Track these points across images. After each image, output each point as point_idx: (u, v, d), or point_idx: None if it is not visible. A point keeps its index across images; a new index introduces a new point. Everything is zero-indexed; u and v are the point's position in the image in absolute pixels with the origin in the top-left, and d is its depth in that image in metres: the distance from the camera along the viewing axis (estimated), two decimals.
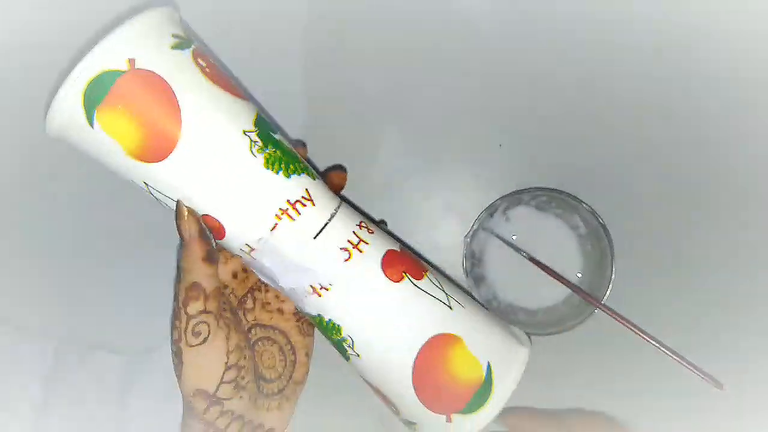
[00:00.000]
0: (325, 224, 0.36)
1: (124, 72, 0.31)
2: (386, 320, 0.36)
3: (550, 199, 0.47)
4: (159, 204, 0.35)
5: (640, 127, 0.49)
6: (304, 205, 0.35)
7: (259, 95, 0.48)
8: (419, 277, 0.37)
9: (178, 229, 0.34)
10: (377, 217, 0.45)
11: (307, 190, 0.35)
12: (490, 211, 0.46)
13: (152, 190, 0.34)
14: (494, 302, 0.48)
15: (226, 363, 0.36)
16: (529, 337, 0.39)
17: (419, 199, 0.50)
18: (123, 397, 0.50)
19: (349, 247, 0.36)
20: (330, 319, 0.36)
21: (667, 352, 0.45)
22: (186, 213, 0.34)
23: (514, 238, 0.48)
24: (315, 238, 0.35)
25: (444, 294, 0.37)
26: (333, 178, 0.41)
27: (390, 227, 0.49)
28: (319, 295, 0.36)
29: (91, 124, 0.32)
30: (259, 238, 0.35)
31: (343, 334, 0.36)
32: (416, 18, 0.50)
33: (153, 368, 0.50)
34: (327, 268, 0.35)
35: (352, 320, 0.36)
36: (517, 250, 0.47)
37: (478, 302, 0.40)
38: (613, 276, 0.44)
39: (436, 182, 0.50)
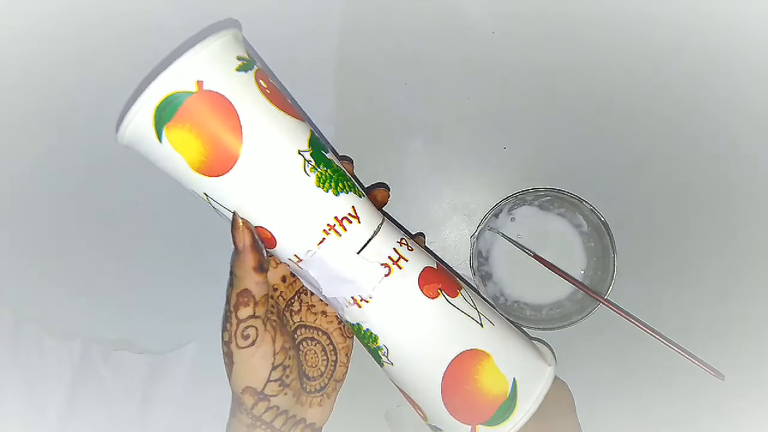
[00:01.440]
0: (369, 240, 0.37)
1: (192, 93, 0.33)
2: (420, 334, 0.37)
3: (553, 198, 0.49)
4: (217, 213, 0.37)
5: (641, 127, 0.51)
6: (350, 222, 0.37)
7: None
8: (454, 295, 0.38)
9: (233, 239, 0.37)
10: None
11: (353, 207, 0.37)
12: (496, 211, 0.48)
13: (212, 201, 0.36)
14: (501, 299, 0.50)
15: (273, 363, 0.38)
16: (554, 356, 0.41)
17: (427, 200, 0.52)
18: (147, 395, 0.51)
19: (390, 263, 0.37)
20: (368, 329, 0.38)
21: (669, 344, 0.46)
22: (241, 224, 0.36)
23: (519, 237, 0.49)
24: (358, 253, 0.37)
25: (476, 312, 0.38)
26: (377, 195, 0.43)
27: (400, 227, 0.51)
28: (359, 306, 0.38)
29: (160, 140, 0.34)
30: (307, 251, 0.37)
31: (380, 343, 0.38)
32: (420, 26, 0.51)
33: (177, 367, 0.51)
34: (368, 281, 0.37)
35: (388, 332, 0.38)
36: (522, 248, 0.48)
37: (508, 321, 0.42)
38: (615, 272, 0.46)
39: (444, 184, 0.52)
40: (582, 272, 0.50)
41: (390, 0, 0.51)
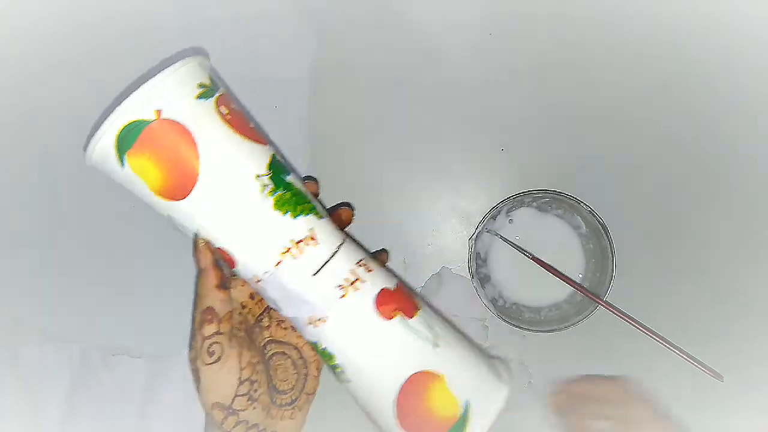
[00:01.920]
0: (325, 263, 0.38)
1: (151, 121, 0.35)
2: (374, 354, 0.38)
3: (551, 200, 0.48)
4: (182, 233, 0.39)
5: (639, 129, 0.50)
6: (307, 244, 0.38)
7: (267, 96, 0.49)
8: (410, 316, 0.39)
9: (194, 259, 0.38)
10: (383, 230, 0.47)
11: (311, 229, 0.38)
12: (494, 213, 0.48)
13: (174, 222, 0.38)
14: (500, 301, 0.50)
15: (239, 378, 0.39)
16: (509, 375, 0.41)
17: (426, 202, 0.52)
18: (146, 399, 0.51)
19: (346, 284, 0.38)
20: (325, 347, 0.39)
21: (668, 346, 0.46)
22: (201, 245, 0.38)
23: (517, 238, 0.49)
24: (314, 275, 0.38)
25: (431, 333, 0.39)
26: (341, 215, 0.44)
27: (398, 231, 0.51)
28: (316, 326, 0.38)
29: (122, 165, 0.36)
30: (264, 272, 0.38)
31: (336, 361, 0.39)
32: (418, 25, 0.51)
33: (175, 371, 0.52)
34: (323, 303, 0.38)
35: (343, 351, 0.39)
36: (521, 250, 0.48)
37: (469, 341, 0.42)
38: (614, 273, 0.46)
39: (442, 186, 0.52)
40: (581, 275, 0.49)
41: None
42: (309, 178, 0.46)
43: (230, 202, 0.36)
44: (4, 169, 0.52)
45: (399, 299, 0.39)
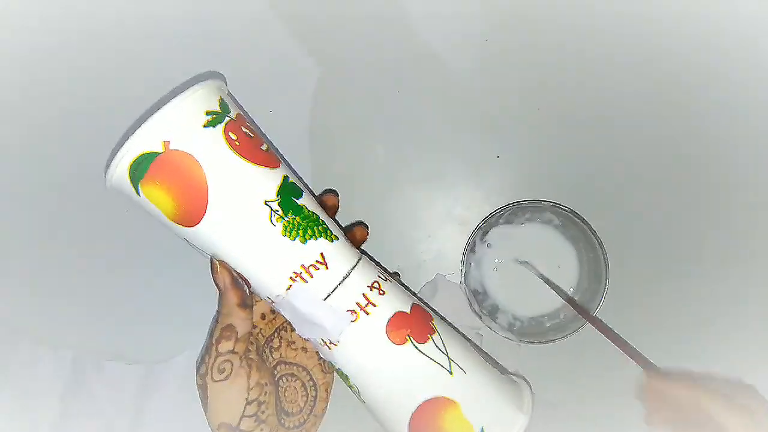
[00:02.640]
0: (336, 287, 0.38)
1: (159, 154, 0.35)
2: (386, 380, 0.38)
3: (542, 210, 0.48)
4: (201, 254, 0.40)
5: (638, 138, 0.50)
6: (317, 269, 0.38)
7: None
8: (423, 341, 0.38)
9: (214, 281, 0.39)
10: (382, 229, 0.47)
11: (322, 254, 0.38)
12: (487, 223, 0.47)
13: (191, 245, 0.39)
14: (516, 323, 0.49)
15: (247, 398, 0.39)
16: (532, 402, 0.41)
17: (421, 208, 0.51)
18: (139, 406, 0.51)
19: (357, 309, 0.38)
20: (339, 368, 0.39)
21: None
22: (218, 267, 0.38)
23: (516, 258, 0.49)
24: (325, 299, 0.38)
25: (446, 358, 0.38)
26: (355, 234, 0.44)
27: (392, 237, 0.50)
28: (329, 348, 0.39)
29: (138, 194, 0.37)
30: (276, 295, 0.38)
31: (351, 382, 0.40)
32: (414, 32, 0.50)
33: (168, 378, 0.51)
34: (334, 326, 0.38)
35: (356, 374, 0.39)
36: (547, 282, 0.48)
37: (489, 364, 0.41)
38: (607, 283, 0.45)
39: (438, 192, 0.51)
40: (571, 290, 0.49)
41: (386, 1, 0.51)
42: (329, 191, 0.46)
43: (239, 229, 0.37)
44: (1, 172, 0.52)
45: (412, 323, 0.39)
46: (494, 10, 0.50)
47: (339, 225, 0.42)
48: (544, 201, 0.47)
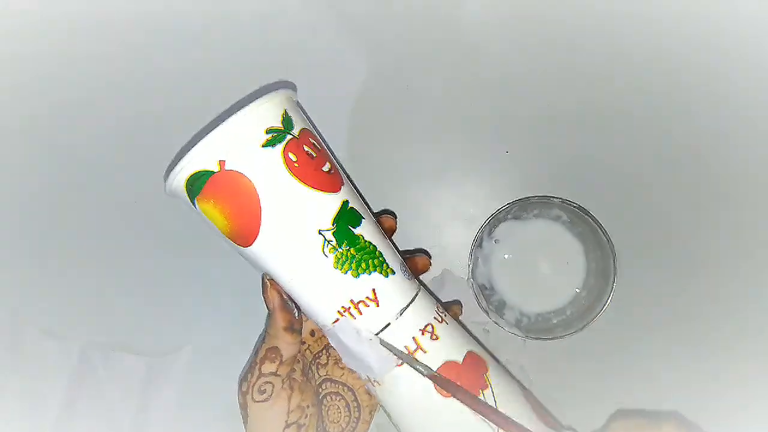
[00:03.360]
0: (385, 326, 0.37)
1: (215, 173, 0.35)
2: (427, 431, 0.37)
3: (550, 206, 0.48)
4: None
5: (645, 133, 0.50)
6: (367, 306, 0.36)
7: None
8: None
9: (264, 300, 0.38)
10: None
11: (374, 290, 0.36)
12: (496, 218, 0.47)
13: (248, 262, 0.38)
14: (524, 320, 0.49)
15: (287, 421, 0.38)
16: None
17: (428, 204, 0.51)
18: (145, 396, 0.51)
19: (405, 352, 0.37)
20: (381, 406, 0.39)
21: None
22: (269, 286, 0.38)
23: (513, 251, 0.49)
24: (373, 337, 0.37)
25: None
26: (417, 263, 0.43)
27: (398, 233, 0.50)
28: (373, 385, 0.38)
29: (195, 206, 0.37)
30: (323, 325, 0.38)
31: (393, 420, 0.39)
32: (422, 29, 0.50)
33: (175, 369, 0.51)
34: (379, 367, 0.37)
35: (397, 418, 0.38)
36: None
37: (544, 420, 0.39)
38: (615, 282, 0.45)
39: (445, 189, 0.51)
40: (577, 290, 0.49)
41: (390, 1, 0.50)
42: (386, 212, 0.45)
43: (290, 256, 0.36)
44: (4, 166, 0.52)
45: (463, 375, 0.37)
46: (503, 6, 0.50)
47: (398, 251, 0.41)
48: (553, 197, 0.47)
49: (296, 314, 0.39)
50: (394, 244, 0.41)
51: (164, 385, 0.51)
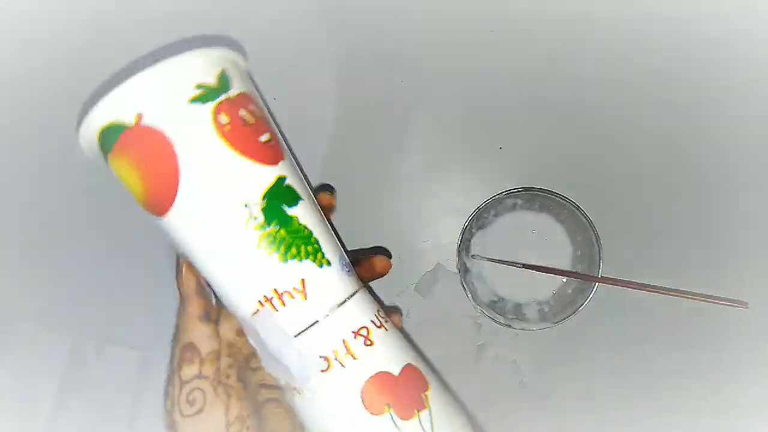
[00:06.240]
0: (310, 325, 0.31)
1: (130, 127, 0.30)
2: None
3: (534, 197, 0.48)
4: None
5: (638, 129, 0.50)
6: (293, 297, 0.31)
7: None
8: (407, 416, 0.30)
9: (177, 286, 0.33)
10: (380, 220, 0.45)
11: (303, 281, 0.31)
12: (480, 221, 0.47)
13: (165, 237, 0.33)
14: (499, 303, 0.49)
15: None
16: None
17: (422, 198, 0.51)
18: (139, 390, 0.51)
19: (331, 357, 0.31)
20: (301, 420, 0.33)
21: (680, 295, 0.43)
22: (184, 268, 0.33)
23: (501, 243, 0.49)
24: (296, 336, 0.31)
25: None
26: (375, 264, 0.37)
27: (391, 227, 0.50)
28: (291, 394, 0.33)
29: (107, 163, 0.32)
30: (242, 318, 0.32)
31: None
32: (416, 23, 0.51)
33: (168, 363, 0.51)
34: (300, 372, 0.31)
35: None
36: (509, 263, 0.48)
37: None
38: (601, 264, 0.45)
39: (437, 183, 0.51)
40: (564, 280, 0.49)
41: None
42: (324, 187, 0.39)
43: (208, 231, 0.31)
44: None
45: (398, 390, 0.31)
46: (497, 4, 0.50)
47: (343, 245, 0.35)
48: (538, 188, 0.47)
49: (213, 302, 0.34)
50: (338, 235, 0.36)
51: (159, 377, 0.50)
